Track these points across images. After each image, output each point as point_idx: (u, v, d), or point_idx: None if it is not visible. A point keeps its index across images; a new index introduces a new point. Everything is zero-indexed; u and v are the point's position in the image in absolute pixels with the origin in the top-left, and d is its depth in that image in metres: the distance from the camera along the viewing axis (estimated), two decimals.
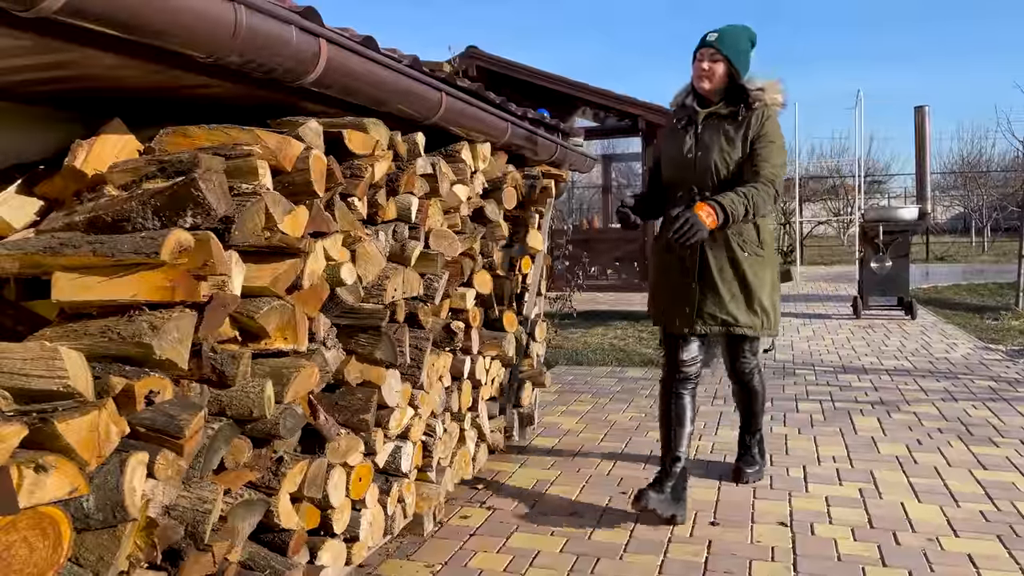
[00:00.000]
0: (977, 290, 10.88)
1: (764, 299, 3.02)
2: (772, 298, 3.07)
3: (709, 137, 3.00)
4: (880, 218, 8.41)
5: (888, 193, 25.46)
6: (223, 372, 1.75)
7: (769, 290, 3.05)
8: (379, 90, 2.22)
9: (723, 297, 2.98)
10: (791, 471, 3.45)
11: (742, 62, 2.98)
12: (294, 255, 1.94)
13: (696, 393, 3.15)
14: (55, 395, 1.40)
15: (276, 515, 1.94)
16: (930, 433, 3.99)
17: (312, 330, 2.08)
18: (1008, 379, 5.22)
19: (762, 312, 3.03)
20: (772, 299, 3.07)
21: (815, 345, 6.79)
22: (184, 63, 1.68)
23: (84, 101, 2.03)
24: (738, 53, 2.96)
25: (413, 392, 2.66)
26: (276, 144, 1.96)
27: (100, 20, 1.35)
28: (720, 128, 2.99)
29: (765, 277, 3.03)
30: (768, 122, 2.97)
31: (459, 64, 4.48)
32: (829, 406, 4.61)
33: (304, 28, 1.83)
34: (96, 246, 1.59)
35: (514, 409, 3.93)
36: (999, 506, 2.98)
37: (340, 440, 2.20)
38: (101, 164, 1.89)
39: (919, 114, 8.98)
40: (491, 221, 3.40)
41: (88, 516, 1.41)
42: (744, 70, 2.99)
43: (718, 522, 2.90)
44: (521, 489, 3.29)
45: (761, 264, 3.03)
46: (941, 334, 7.20)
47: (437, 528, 2.88)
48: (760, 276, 3.01)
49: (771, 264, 3.09)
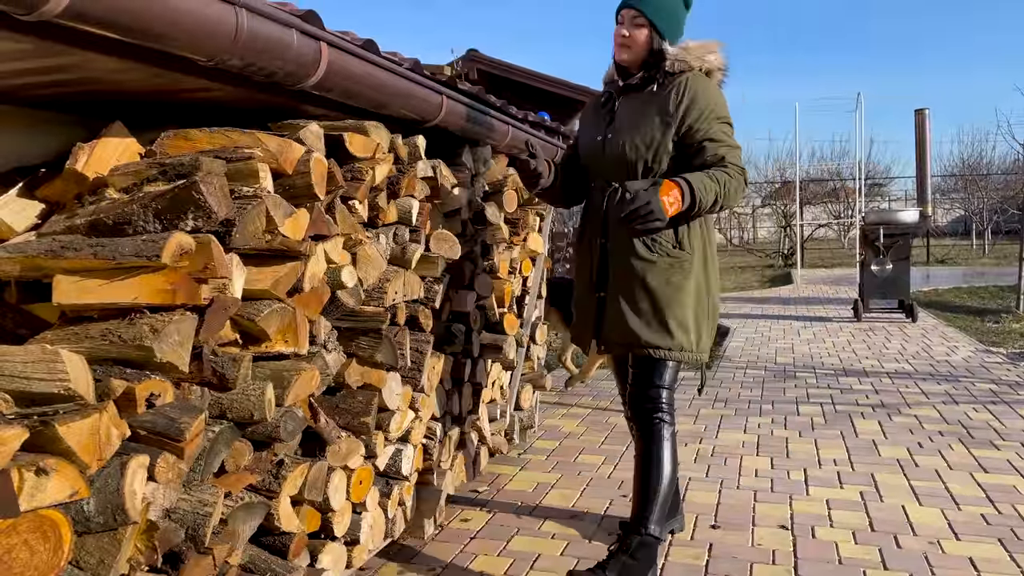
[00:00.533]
0: (978, 293, 10.87)
1: (679, 314, 2.35)
2: (695, 315, 2.39)
3: (624, 117, 2.43)
4: (881, 221, 8.42)
5: (889, 196, 25.50)
6: (224, 375, 1.75)
7: (691, 304, 2.37)
8: (380, 93, 2.23)
9: (623, 310, 2.38)
10: (792, 474, 3.45)
11: (672, 27, 2.39)
12: (295, 258, 1.94)
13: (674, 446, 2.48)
14: (56, 398, 1.40)
15: (277, 518, 1.94)
16: (931, 436, 3.98)
17: (313, 333, 2.08)
18: (1009, 382, 5.21)
19: (678, 331, 2.35)
20: (695, 316, 2.39)
21: (816, 348, 6.78)
22: (185, 66, 1.68)
23: (85, 104, 2.03)
24: (666, 16, 2.37)
25: (414, 395, 2.66)
26: (277, 147, 1.96)
27: (102, 24, 1.35)
28: (635, 105, 2.42)
29: (683, 286, 2.36)
30: (700, 91, 2.32)
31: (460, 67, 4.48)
32: (830, 409, 4.61)
33: (305, 31, 1.83)
34: (97, 249, 1.59)
35: (514, 412, 3.92)
36: (1000, 509, 2.98)
37: (341, 443, 2.19)
38: (102, 167, 1.89)
39: (919, 117, 8.99)
40: (492, 224, 3.40)
41: (89, 519, 1.40)
42: (674, 37, 2.40)
43: (719, 525, 2.90)
44: (521, 492, 3.29)
45: (678, 270, 2.37)
46: (942, 337, 7.20)
47: (438, 531, 2.88)
48: (675, 284, 2.36)
49: (695, 270, 2.40)
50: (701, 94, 2.32)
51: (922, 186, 9.11)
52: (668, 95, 2.34)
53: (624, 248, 2.38)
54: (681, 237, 2.37)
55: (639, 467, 2.37)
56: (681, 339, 2.36)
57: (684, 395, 5.04)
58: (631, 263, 2.37)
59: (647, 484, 2.33)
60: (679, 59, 2.36)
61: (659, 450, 2.35)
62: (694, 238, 2.40)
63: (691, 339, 2.38)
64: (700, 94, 2.32)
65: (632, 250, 2.36)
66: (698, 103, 2.31)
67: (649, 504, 2.32)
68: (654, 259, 2.35)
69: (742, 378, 5.58)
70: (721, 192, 2.27)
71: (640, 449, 2.38)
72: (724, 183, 2.28)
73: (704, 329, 2.42)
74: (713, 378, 5.57)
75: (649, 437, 2.36)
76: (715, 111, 2.33)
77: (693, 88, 2.32)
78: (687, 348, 2.37)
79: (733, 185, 2.30)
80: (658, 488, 2.32)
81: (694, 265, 2.39)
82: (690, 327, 2.37)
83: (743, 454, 3.76)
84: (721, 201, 2.29)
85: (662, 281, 2.35)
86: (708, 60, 2.39)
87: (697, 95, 2.32)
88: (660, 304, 2.34)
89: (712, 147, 2.32)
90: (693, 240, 2.39)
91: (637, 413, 2.41)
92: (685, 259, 2.37)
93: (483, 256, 3.36)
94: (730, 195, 2.30)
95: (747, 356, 6.46)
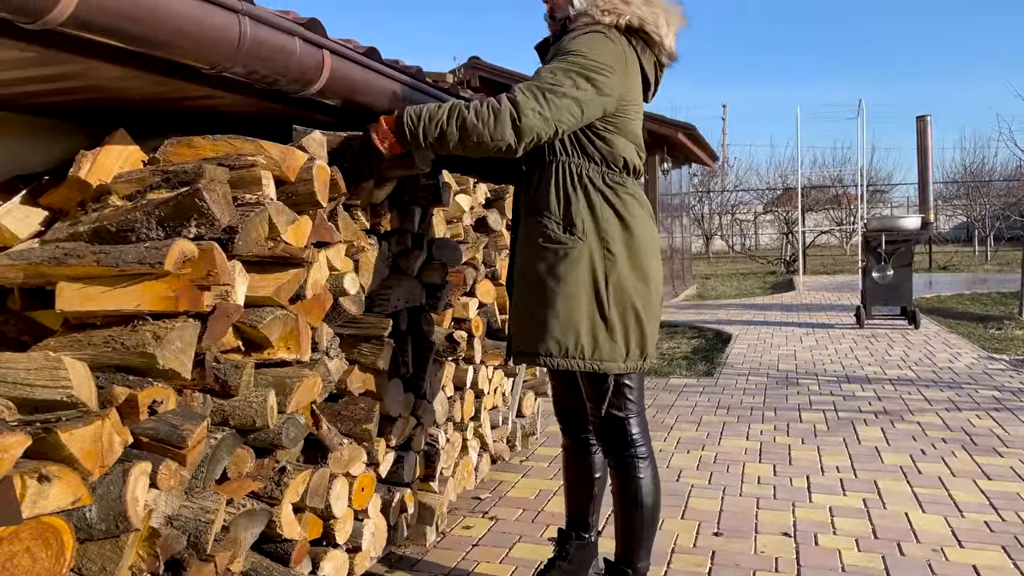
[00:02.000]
0: (980, 299, 10.86)
1: (562, 311, 1.97)
2: (590, 313, 1.99)
3: None
4: (883, 228, 8.41)
5: (891, 202, 25.48)
6: (226, 382, 1.75)
7: (582, 298, 1.97)
8: (382, 100, 2.23)
9: (518, 312, 2.11)
10: (794, 481, 3.44)
11: None
12: (297, 265, 1.94)
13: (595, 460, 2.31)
14: (59, 405, 1.41)
15: (278, 525, 1.94)
16: (934, 443, 3.97)
17: (315, 340, 2.09)
18: (1012, 389, 5.20)
19: (561, 332, 1.98)
20: (589, 315, 1.99)
21: (818, 355, 6.77)
22: (188, 74, 1.69)
23: (88, 112, 2.04)
24: None
25: (416, 402, 2.66)
26: (280, 154, 1.97)
27: (106, 32, 1.36)
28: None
29: (569, 279, 1.97)
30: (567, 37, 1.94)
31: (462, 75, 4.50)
32: (832, 416, 4.60)
33: (307, 39, 1.84)
34: (100, 256, 1.59)
35: (516, 418, 3.92)
36: (1004, 516, 2.97)
37: (342, 450, 2.19)
38: (105, 174, 1.90)
39: (921, 123, 8.99)
40: (494, 231, 3.41)
41: (91, 526, 1.41)
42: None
43: (721, 532, 2.89)
44: (524, 499, 3.29)
45: (563, 259, 1.98)
46: (945, 344, 7.19)
47: (440, 538, 2.88)
48: (560, 276, 1.97)
49: (587, 259, 1.98)
50: (570, 40, 1.91)
51: (924, 192, 9.10)
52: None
53: (524, 238, 2.07)
54: (574, 218, 1.98)
55: (619, 506, 2.14)
56: (563, 340, 1.98)
57: (686, 401, 5.04)
58: (524, 257, 2.07)
59: (629, 523, 2.13)
60: (584, 12, 1.98)
61: (636, 490, 2.10)
62: (588, 220, 1.98)
63: (579, 342, 1.98)
64: (569, 40, 1.92)
65: (525, 238, 2.06)
66: (561, 48, 1.92)
67: (632, 542, 2.14)
68: (541, 245, 2.01)
69: (744, 385, 5.57)
70: (448, 122, 1.83)
71: (617, 487, 2.13)
72: (458, 112, 1.84)
73: (600, 331, 1.99)
74: (715, 384, 5.56)
75: (625, 476, 2.11)
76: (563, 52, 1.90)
77: (570, 36, 1.93)
78: (572, 354, 1.99)
79: (469, 118, 1.82)
80: (641, 526, 2.12)
81: (586, 253, 1.98)
82: (579, 328, 1.98)
83: (745, 461, 3.75)
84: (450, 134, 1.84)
85: (546, 271, 1.99)
86: (622, 12, 1.95)
87: (564, 40, 1.92)
88: (542, 300, 2.00)
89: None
90: (587, 224, 1.98)
91: (607, 450, 2.15)
92: (572, 245, 1.97)
93: (485, 262, 3.36)
94: (468, 129, 1.82)
95: (749, 363, 6.45)
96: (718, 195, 24.40)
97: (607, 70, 1.92)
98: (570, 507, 2.38)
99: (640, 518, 2.11)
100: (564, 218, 2.00)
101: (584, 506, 2.35)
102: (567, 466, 2.37)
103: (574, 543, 2.34)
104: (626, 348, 2.04)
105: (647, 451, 2.13)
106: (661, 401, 5.09)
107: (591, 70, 1.89)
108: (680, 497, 3.26)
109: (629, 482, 2.10)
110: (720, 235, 24.52)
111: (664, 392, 5.37)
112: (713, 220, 24.50)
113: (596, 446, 2.30)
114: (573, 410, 2.30)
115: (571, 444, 2.34)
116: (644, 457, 2.11)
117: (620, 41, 1.99)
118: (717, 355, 6.86)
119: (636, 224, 2.04)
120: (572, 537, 2.35)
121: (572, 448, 2.34)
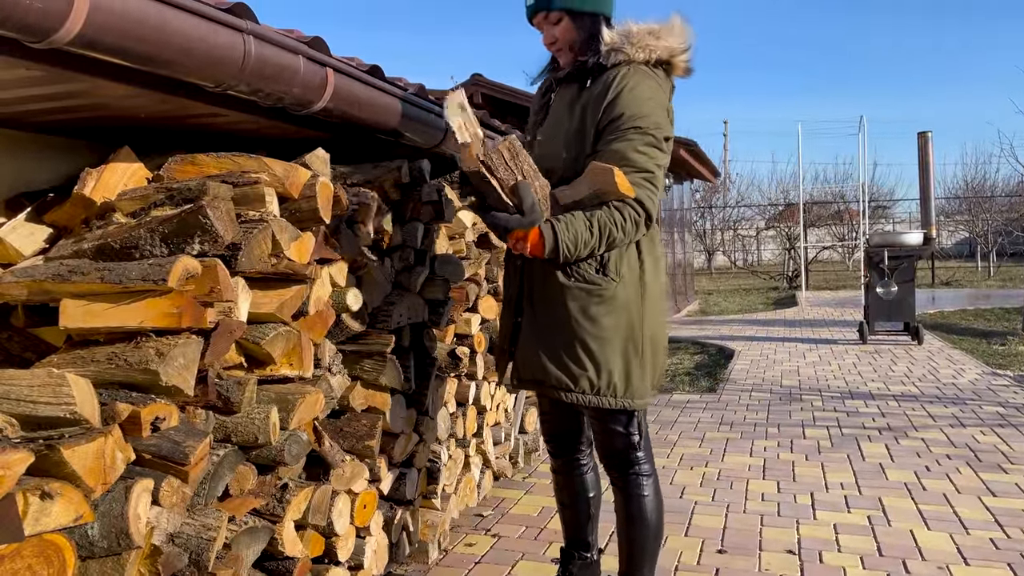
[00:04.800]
0: (984, 315, 10.83)
1: (594, 347, 1.97)
2: (623, 353, 1.99)
3: (553, 116, 2.07)
4: (885, 243, 8.41)
5: (893, 218, 25.50)
6: (229, 398, 1.75)
7: (617, 340, 1.98)
8: (385, 118, 2.25)
9: (532, 342, 2.04)
10: (798, 498, 3.42)
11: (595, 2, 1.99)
12: (300, 281, 1.95)
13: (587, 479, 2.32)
14: (62, 422, 1.41)
15: (280, 543, 1.93)
16: (938, 459, 3.95)
17: (317, 356, 2.09)
18: (1016, 405, 5.18)
19: (592, 370, 1.97)
20: (623, 354, 1.99)
21: (821, 370, 6.75)
22: (193, 92, 1.70)
23: (93, 130, 2.05)
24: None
25: (418, 418, 2.65)
26: (283, 171, 1.98)
27: (112, 51, 1.37)
28: (566, 102, 2.04)
29: (601, 317, 1.97)
30: (627, 89, 1.90)
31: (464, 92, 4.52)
32: (836, 432, 4.58)
33: (311, 58, 1.85)
34: (104, 273, 1.60)
35: (519, 435, 3.91)
36: (1009, 534, 2.95)
37: (345, 467, 2.19)
38: (110, 192, 1.91)
39: (922, 140, 9.01)
40: (496, 246, 3.41)
41: (92, 543, 1.40)
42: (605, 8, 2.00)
43: (725, 550, 2.87)
44: (526, 516, 3.27)
45: (597, 300, 1.97)
46: (948, 359, 7.17)
47: (442, 556, 2.86)
48: (592, 315, 1.97)
49: (623, 301, 1.99)
50: (627, 94, 1.89)
51: (926, 208, 9.11)
52: (599, 96, 1.93)
53: (540, 270, 2.02)
54: (607, 261, 1.98)
55: (622, 524, 2.13)
56: (597, 380, 1.98)
57: (689, 418, 5.02)
58: (545, 290, 2.02)
59: (633, 542, 2.11)
60: (617, 48, 1.94)
61: (640, 508, 2.08)
62: (623, 263, 1.99)
63: (612, 381, 1.98)
64: (625, 94, 1.89)
65: (548, 273, 2.00)
66: (619, 105, 1.89)
67: (636, 560, 2.12)
68: (570, 285, 1.97)
69: (748, 401, 5.55)
70: (599, 243, 1.89)
71: (620, 505, 2.12)
72: (608, 232, 1.88)
73: (635, 370, 2.00)
74: (718, 401, 5.55)
75: (627, 495, 2.10)
76: (635, 119, 1.88)
77: (620, 86, 1.90)
78: (604, 392, 1.98)
79: (619, 236, 1.89)
80: (644, 544, 2.10)
81: (621, 295, 1.98)
82: (613, 367, 1.97)
83: (749, 477, 3.74)
84: (599, 251, 1.93)
85: (578, 312, 1.97)
86: (654, 47, 1.94)
87: (622, 95, 1.89)
88: (574, 339, 1.97)
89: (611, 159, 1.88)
90: (621, 265, 1.99)
91: (610, 468, 2.12)
92: (608, 288, 1.97)
93: (487, 278, 3.37)
94: (614, 238, 1.89)
95: (752, 379, 6.44)
96: (720, 211, 24.44)
97: (665, 125, 1.96)
98: (568, 530, 2.36)
99: (644, 536, 2.10)
100: (600, 261, 1.98)
101: (582, 527, 2.33)
102: (561, 489, 2.35)
103: (577, 563, 2.33)
104: (652, 381, 2.07)
105: (651, 468, 2.12)
106: (664, 417, 5.08)
107: (659, 134, 1.93)
108: (684, 514, 3.24)
109: (633, 500, 2.09)
110: (722, 251, 24.54)
111: (667, 408, 5.35)
112: (715, 236, 24.52)
113: (587, 465, 2.31)
114: (567, 432, 2.28)
115: (562, 466, 2.32)
116: (648, 475, 2.10)
117: (658, 76, 1.99)
118: (720, 371, 6.84)
119: (660, 261, 2.10)
120: (575, 557, 2.33)
121: (564, 470, 2.32)
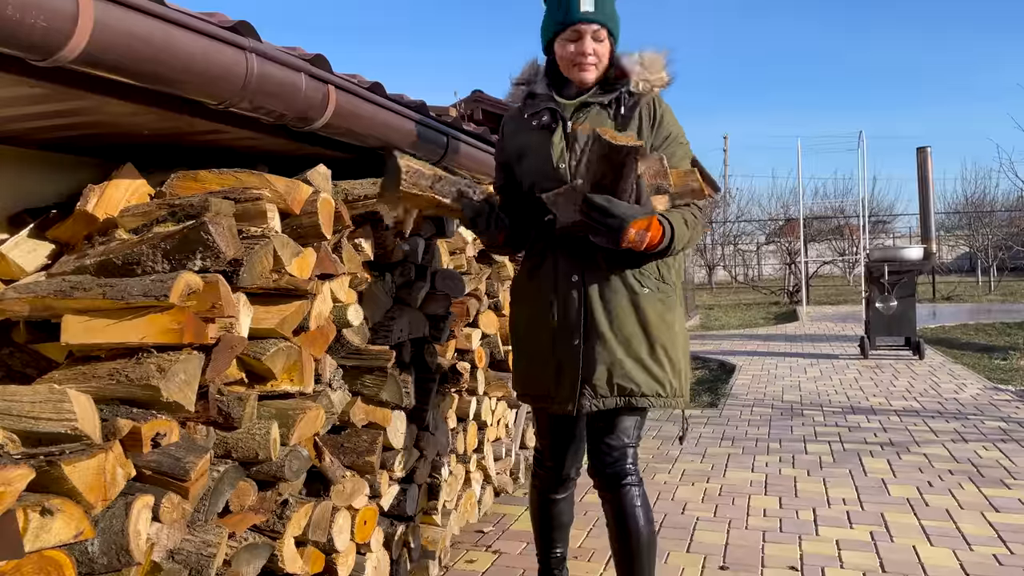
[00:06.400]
0: (985, 330, 10.83)
1: (672, 352, 2.09)
2: (685, 352, 2.16)
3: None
4: (885, 258, 8.42)
5: (893, 233, 25.53)
6: (229, 414, 1.75)
7: (680, 341, 2.13)
8: (387, 134, 2.26)
9: (617, 354, 2.05)
10: (800, 514, 3.41)
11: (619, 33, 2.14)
12: (301, 297, 1.95)
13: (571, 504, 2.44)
14: (63, 438, 1.41)
15: (280, 559, 1.92)
16: (941, 475, 3.94)
17: (318, 371, 2.09)
18: (1018, 420, 5.17)
19: (671, 371, 2.09)
20: (685, 353, 2.16)
21: (822, 385, 6.74)
22: (196, 109, 1.71)
23: (96, 147, 2.06)
24: (617, 22, 2.12)
25: (419, 434, 2.65)
26: (285, 188, 1.99)
27: (116, 69, 1.38)
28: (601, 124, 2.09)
29: (673, 323, 2.11)
30: (666, 113, 2.13)
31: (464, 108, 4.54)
32: (838, 447, 4.57)
33: (313, 75, 1.87)
34: (106, 289, 1.60)
35: (520, 450, 3.90)
36: (1012, 549, 2.94)
37: (345, 482, 2.18)
38: (112, 208, 1.92)
39: (921, 155, 9.04)
40: (496, 261, 3.42)
41: (92, 560, 1.40)
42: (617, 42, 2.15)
43: (727, 566, 2.86)
44: (527, 532, 3.25)
45: (667, 305, 2.11)
46: (950, 374, 7.15)
47: (443, 572, 2.85)
48: (668, 321, 2.09)
49: (679, 305, 2.17)
50: (668, 117, 2.13)
51: (926, 223, 9.13)
52: (636, 118, 2.09)
53: (608, 283, 2.06)
54: (663, 271, 2.12)
55: (616, 539, 2.13)
56: (672, 381, 2.10)
57: (691, 433, 5.01)
58: (616, 301, 2.06)
59: (628, 556, 2.12)
60: (643, 78, 2.11)
61: (635, 520, 2.10)
62: (673, 271, 2.16)
63: (682, 381, 2.13)
64: (667, 117, 2.13)
65: (621, 284, 2.06)
66: (665, 127, 2.11)
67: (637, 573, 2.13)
68: (646, 292, 2.07)
69: (749, 416, 5.54)
70: (691, 240, 2.06)
71: (613, 517, 2.13)
72: (695, 229, 2.07)
73: (688, 368, 2.20)
74: (720, 416, 5.54)
75: (620, 507, 2.10)
76: (679, 137, 2.13)
77: (660, 111, 2.12)
78: (680, 394, 2.12)
79: (699, 230, 2.10)
80: (640, 557, 2.11)
81: (678, 301, 2.16)
82: (682, 370, 2.13)
83: (751, 493, 3.72)
84: (687, 248, 2.10)
85: (655, 317, 2.07)
86: (663, 76, 2.14)
87: (664, 118, 2.12)
88: (656, 343, 2.07)
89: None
90: (672, 273, 2.16)
91: (604, 478, 2.12)
92: (671, 294, 2.13)
93: (488, 293, 3.37)
94: (694, 238, 2.08)
95: (754, 394, 6.43)
96: (720, 225, 24.48)
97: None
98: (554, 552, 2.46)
99: (639, 549, 2.11)
100: (659, 270, 2.13)
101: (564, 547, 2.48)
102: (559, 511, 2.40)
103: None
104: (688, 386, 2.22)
105: (639, 478, 2.15)
106: (665, 433, 5.07)
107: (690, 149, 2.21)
108: (685, 530, 3.23)
109: (628, 512, 2.10)
110: (723, 265, 24.55)
111: (668, 423, 5.34)
112: (716, 250, 24.55)
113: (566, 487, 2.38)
114: (568, 451, 2.32)
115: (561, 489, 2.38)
116: (638, 484, 2.13)
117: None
118: (721, 386, 6.83)
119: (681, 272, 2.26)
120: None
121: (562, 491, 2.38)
